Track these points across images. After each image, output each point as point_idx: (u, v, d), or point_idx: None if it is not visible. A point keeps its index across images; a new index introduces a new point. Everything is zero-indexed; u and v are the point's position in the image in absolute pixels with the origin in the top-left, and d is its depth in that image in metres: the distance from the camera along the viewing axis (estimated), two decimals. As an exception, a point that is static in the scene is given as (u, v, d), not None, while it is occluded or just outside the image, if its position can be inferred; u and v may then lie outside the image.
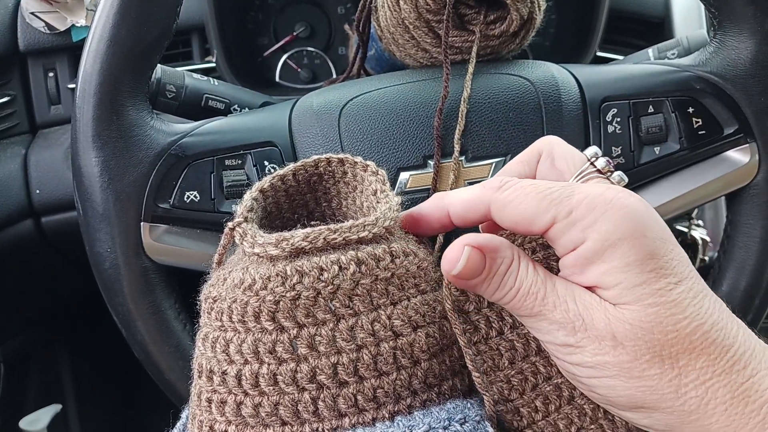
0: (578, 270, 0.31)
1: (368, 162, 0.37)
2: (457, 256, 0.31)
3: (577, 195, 0.31)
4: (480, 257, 0.32)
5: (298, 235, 0.31)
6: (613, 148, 0.50)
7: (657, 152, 0.50)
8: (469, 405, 0.31)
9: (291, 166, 0.37)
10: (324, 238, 0.31)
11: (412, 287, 0.33)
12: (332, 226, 0.32)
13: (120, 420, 1.06)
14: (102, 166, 0.46)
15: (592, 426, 0.34)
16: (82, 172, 0.47)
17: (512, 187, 0.32)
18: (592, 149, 0.36)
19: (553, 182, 0.32)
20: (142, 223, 0.47)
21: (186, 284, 0.51)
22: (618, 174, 0.36)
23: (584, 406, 0.34)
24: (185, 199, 0.48)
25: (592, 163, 0.36)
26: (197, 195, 0.48)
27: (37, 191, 0.75)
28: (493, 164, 0.49)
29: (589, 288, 0.31)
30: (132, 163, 0.47)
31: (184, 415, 0.37)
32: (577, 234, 0.30)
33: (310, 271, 0.30)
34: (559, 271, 0.33)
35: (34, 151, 0.77)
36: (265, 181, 0.36)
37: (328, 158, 0.38)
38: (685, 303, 0.29)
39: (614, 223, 0.30)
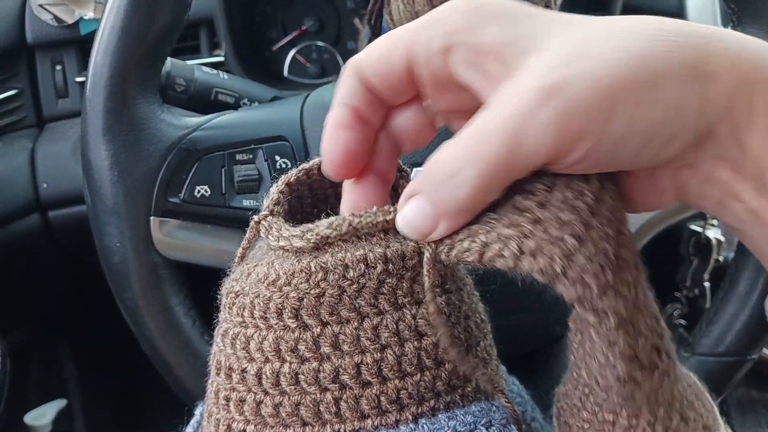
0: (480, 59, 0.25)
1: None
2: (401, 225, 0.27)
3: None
4: (415, 204, 0.26)
5: (322, 224, 0.30)
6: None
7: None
8: (494, 408, 0.30)
9: (317, 159, 0.37)
10: (349, 224, 0.30)
11: (437, 286, 0.32)
12: (356, 212, 0.31)
13: (124, 415, 1.06)
14: (112, 160, 0.46)
15: None
16: (92, 165, 0.46)
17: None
18: None
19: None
20: (151, 218, 0.47)
21: (195, 280, 0.51)
22: None
23: None
24: (196, 194, 0.47)
25: None
26: (208, 189, 0.47)
27: (44, 185, 0.75)
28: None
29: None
30: (142, 156, 0.46)
31: (198, 412, 0.37)
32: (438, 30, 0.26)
33: (335, 268, 0.29)
34: None
35: (41, 144, 0.77)
36: (291, 175, 0.36)
37: None
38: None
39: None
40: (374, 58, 0.28)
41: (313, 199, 0.37)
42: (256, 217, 0.32)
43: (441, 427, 0.29)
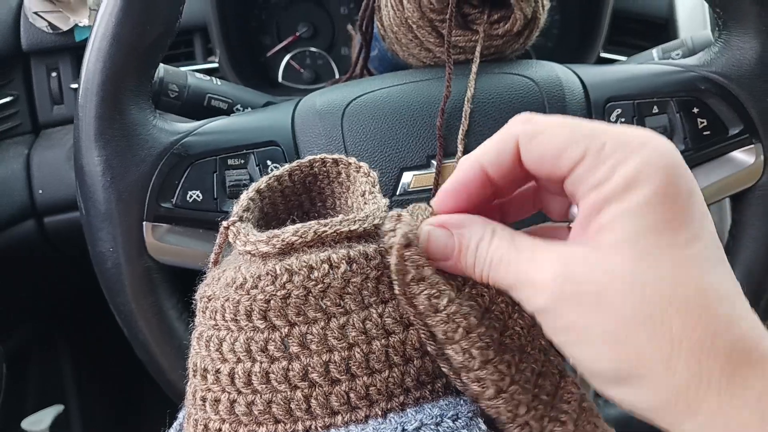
0: (594, 212, 0.28)
1: (362, 163, 0.37)
2: (421, 236, 0.31)
3: (611, 130, 0.28)
4: (446, 234, 0.31)
5: (288, 231, 0.31)
6: (617, 148, 0.49)
7: (661, 153, 0.49)
8: (462, 402, 0.31)
9: (287, 166, 0.38)
10: (314, 232, 0.31)
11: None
12: (322, 220, 0.32)
13: (122, 419, 1.06)
14: (104, 165, 0.46)
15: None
16: (85, 171, 0.47)
17: (542, 119, 0.30)
18: None
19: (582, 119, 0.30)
20: (144, 223, 0.47)
21: (188, 284, 0.51)
22: None
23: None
24: (188, 199, 0.48)
25: None
26: (200, 194, 0.48)
27: (40, 191, 0.75)
28: (497, 164, 0.48)
29: (594, 234, 0.28)
30: (134, 162, 0.47)
31: (181, 415, 0.37)
32: (605, 171, 0.27)
33: (299, 269, 0.30)
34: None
35: (36, 151, 0.77)
36: (262, 182, 0.37)
37: (323, 158, 0.38)
38: (697, 263, 0.26)
39: (646, 162, 0.27)
40: (493, 150, 0.32)
41: (286, 206, 0.38)
42: (225, 223, 0.33)
43: (408, 420, 0.30)
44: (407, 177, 0.48)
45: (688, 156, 0.49)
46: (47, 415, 0.86)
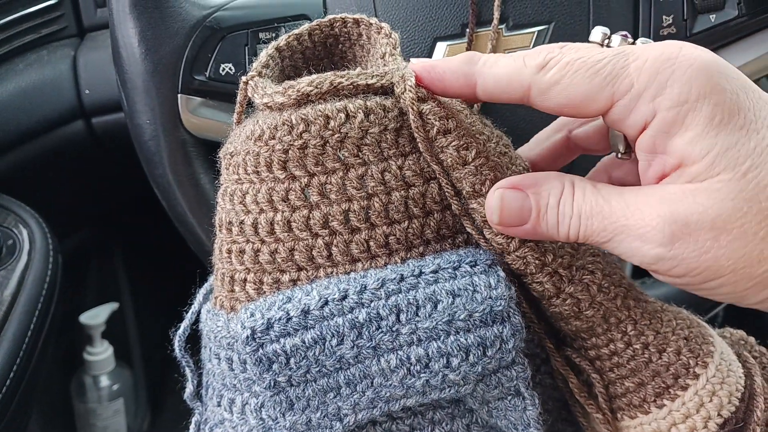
0: (659, 148, 0.27)
1: (383, 24, 0.36)
2: (492, 202, 0.29)
3: (634, 62, 0.27)
4: (520, 196, 0.29)
5: (303, 81, 0.31)
6: (663, 17, 0.47)
7: (713, 20, 0.46)
8: (481, 252, 0.31)
9: (306, 25, 0.37)
10: (330, 82, 0.31)
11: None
12: (339, 72, 0.32)
13: (172, 316, 1.11)
14: (139, 37, 0.47)
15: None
16: (120, 43, 0.47)
17: (557, 65, 0.28)
18: (597, 31, 0.33)
19: (604, 51, 0.28)
20: (179, 96, 0.48)
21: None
22: (642, 41, 0.31)
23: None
24: (221, 72, 0.48)
25: (606, 46, 0.34)
26: (232, 67, 0.48)
27: (87, 92, 0.77)
28: (536, 33, 0.47)
29: (673, 170, 0.27)
30: (168, 34, 0.47)
31: (211, 278, 0.39)
32: (646, 107, 0.26)
33: (315, 119, 0.30)
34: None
35: (82, 53, 0.78)
36: (281, 40, 0.36)
37: (343, 18, 0.37)
38: None
39: (687, 82, 0.26)
40: (494, 81, 0.31)
41: (308, 70, 0.38)
42: (244, 78, 0.33)
43: (426, 264, 0.30)
44: (441, 47, 0.47)
45: (743, 23, 0.46)
46: (103, 311, 0.91)
